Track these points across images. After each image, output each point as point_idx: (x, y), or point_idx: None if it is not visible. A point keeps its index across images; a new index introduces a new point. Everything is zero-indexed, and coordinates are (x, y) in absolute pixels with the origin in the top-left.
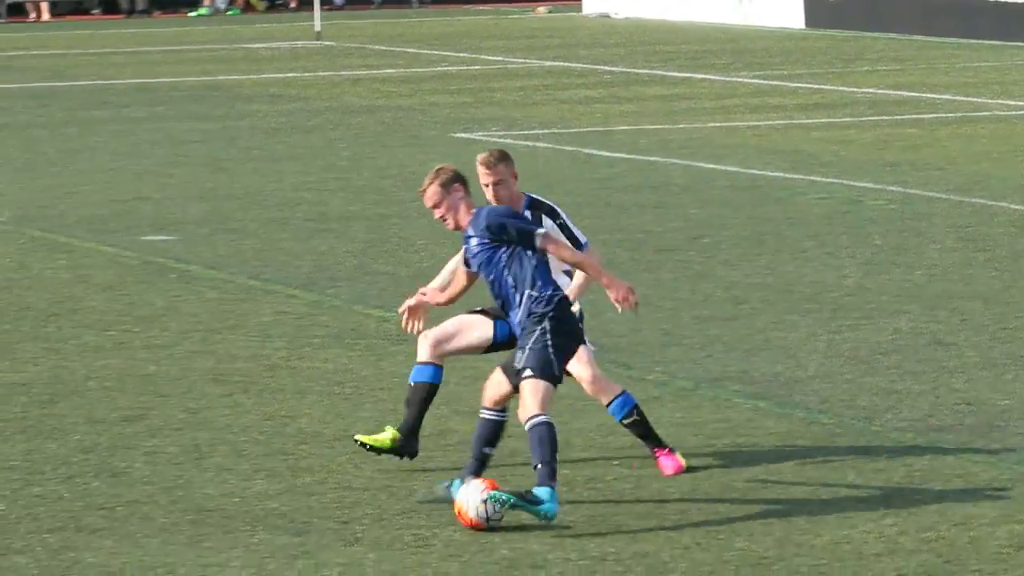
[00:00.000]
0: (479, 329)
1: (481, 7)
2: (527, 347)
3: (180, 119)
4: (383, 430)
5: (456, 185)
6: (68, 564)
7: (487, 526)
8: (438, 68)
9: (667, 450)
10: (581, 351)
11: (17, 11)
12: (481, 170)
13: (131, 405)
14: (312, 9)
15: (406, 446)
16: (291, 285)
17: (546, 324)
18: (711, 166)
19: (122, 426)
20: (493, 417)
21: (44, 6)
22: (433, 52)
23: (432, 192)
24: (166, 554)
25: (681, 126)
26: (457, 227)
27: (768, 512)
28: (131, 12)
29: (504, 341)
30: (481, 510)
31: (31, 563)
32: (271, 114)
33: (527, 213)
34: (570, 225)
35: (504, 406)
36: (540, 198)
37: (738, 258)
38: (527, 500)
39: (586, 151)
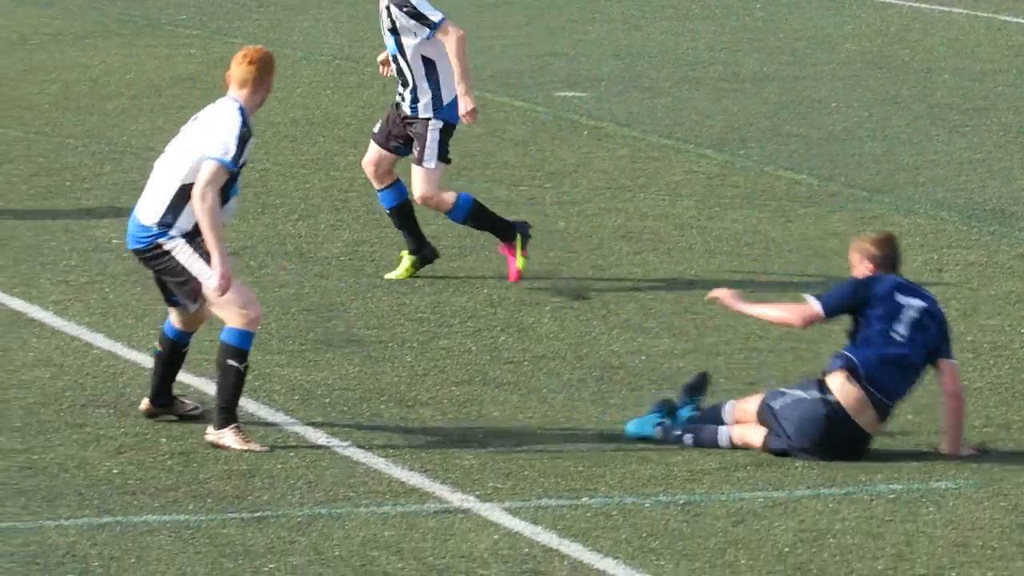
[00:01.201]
0: (381, 142)
1: None
2: None
3: None
4: (398, 263)
5: None
6: (473, 417)
7: None
8: None
9: (510, 247)
10: (425, 172)
11: None
12: None
13: (540, 260)
14: None
15: (425, 255)
16: (703, 145)
17: None
18: None
19: (529, 281)
20: None
21: None
22: None
23: None
24: (571, 410)
25: None
26: None
27: None
28: None
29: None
30: None
31: (437, 415)
32: None
33: None
34: (420, 9)
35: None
36: None
37: None
38: None
39: (1001, 17)
